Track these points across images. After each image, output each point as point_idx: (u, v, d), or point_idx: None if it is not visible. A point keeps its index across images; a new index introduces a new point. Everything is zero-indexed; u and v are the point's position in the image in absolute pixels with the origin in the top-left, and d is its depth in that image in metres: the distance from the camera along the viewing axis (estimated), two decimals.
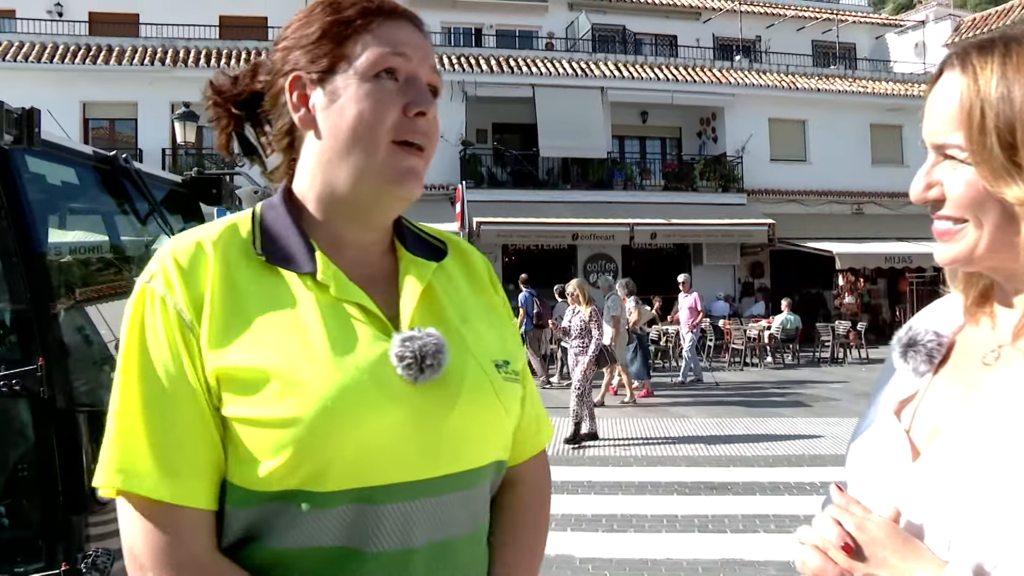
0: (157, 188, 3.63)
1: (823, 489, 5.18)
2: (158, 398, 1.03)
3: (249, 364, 1.03)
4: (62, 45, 21.83)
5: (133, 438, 1.03)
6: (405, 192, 1.16)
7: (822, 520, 1.07)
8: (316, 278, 1.11)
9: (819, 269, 23.62)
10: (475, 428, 1.14)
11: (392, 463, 1.05)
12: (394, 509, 1.05)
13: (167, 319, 1.05)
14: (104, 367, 3.23)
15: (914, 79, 27.81)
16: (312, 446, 1.01)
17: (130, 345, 1.06)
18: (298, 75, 1.15)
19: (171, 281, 1.07)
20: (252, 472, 1.03)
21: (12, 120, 2.51)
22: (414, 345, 1.08)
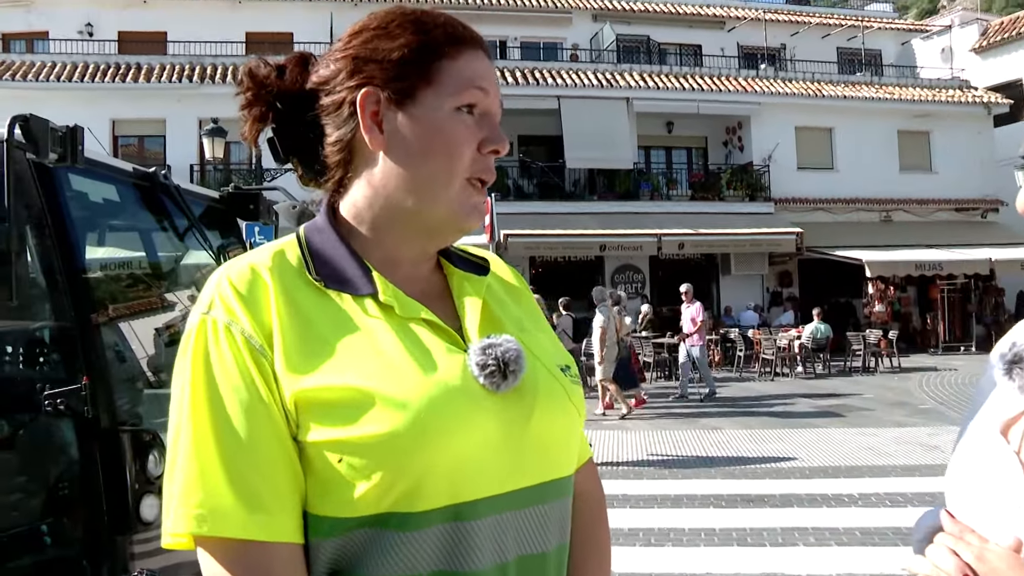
0: (195, 204, 3.63)
1: (861, 501, 5.13)
2: (235, 430, 0.97)
3: (335, 384, 0.99)
4: (92, 64, 22.09)
5: (212, 477, 0.96)
6: (469, 227, 1.14)
7: (936, 551, 1.01)
8: (378, 299, 1.07)
9: (848, 278, 23.41)
10: (555, 434, 1.12)
11: (483, 476, 1.02)
12: (486, 524, 1.01)
13: (235, 347, 1.00)
14: (137, 384, 3.23)
15: (941, 84, 27.58)
16: (406, 463, 0.96)
17: (195, 379, 0.99)
18: (372, 91, 1.10)
19: (232, 308, 1.02)
20: (340, 498, 0.98)
21: (56, 138, 2.51)
22: (496, 351, 1.05)
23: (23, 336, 2.90)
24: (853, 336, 19.77)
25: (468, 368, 1.05)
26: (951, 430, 11.05)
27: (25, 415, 2.79)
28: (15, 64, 21.75)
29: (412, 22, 1.12)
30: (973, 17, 32.89)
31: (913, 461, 9.12)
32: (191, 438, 0.98)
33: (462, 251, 1.27)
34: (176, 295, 3.83)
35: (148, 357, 3.48)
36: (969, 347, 22.97)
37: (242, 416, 0.98)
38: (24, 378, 2.96)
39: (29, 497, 2.79)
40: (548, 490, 1.09)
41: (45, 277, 2.69)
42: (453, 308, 1.16)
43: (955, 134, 26.43)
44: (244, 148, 21.61)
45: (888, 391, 15.55)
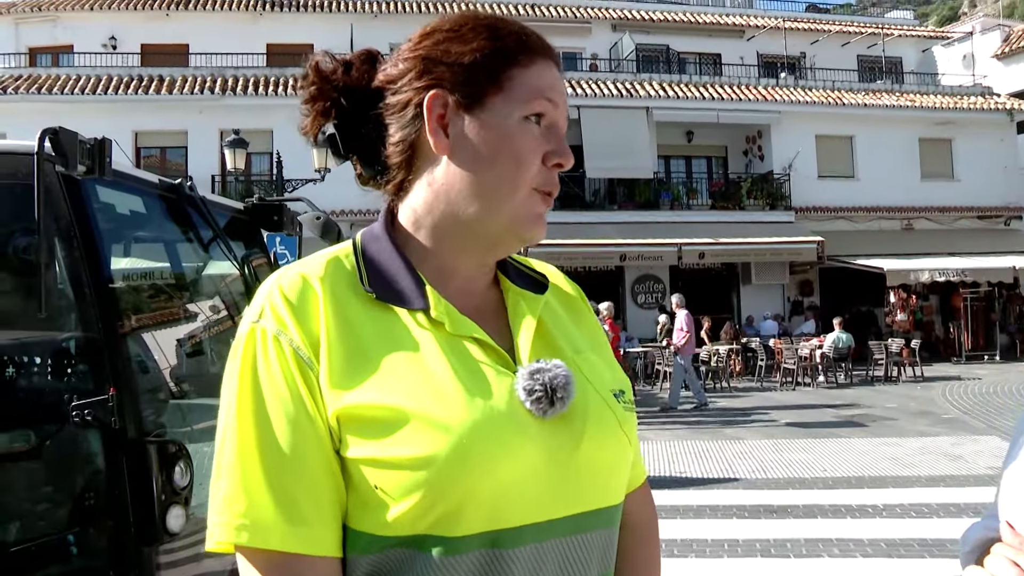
0: (219, 215, 3.65)
1: (886, 512, 5.08)
2: (279, 442, 0.97)
3: (377, 402, 0.97)
4: (116, 77, 22.31)
5: (254, 487, 0.96)
6: (532, 237, 1.11)
7: (996, 562, 0.99)
8: (429, 314, 1.05)
9: (869, 286, 23.26)
10: (603, 462, 1.08)
11: (525, 503, 0.99)
12: (526, 552, 0.99)
13: (283, 358, 0.99)
14: (163, 394, 3.25)
15: (963, 92, 27.41)
16: (446, 487, 0.94)
17: (243, 388, 0.99)
18: (440, 93, 1.08)
19: (282, 318, 1.01)
20: (379, 516, 0.97)
21: (85, 151, 2.53)
22: (544, 377, 1.02)
23: (51, 347, 2.92)
24: (875, 345, 19.64)
25: (515, 392, 1.02)
26: (975, 440, 10.96)
27: (53, 426, 2.81)
28: (41, 78, 22.00)
29: (486, 27, 1.10)
30: (995, 23, 32.67)
31: (937, 472, 9.04)
32: (236, 447, 0.98)
33: (523, 265, 1.25)
34: (201, 306, 3.85)
35: (173, 368, 3.50)
36: (993, 356, 22.76)
37: (287, 428, 0.97)
38: (52, 389, 2.98)
39: (56, 507, 2.81)
40: (592, 519, 1.06)
41: (73, 288, 2.71)
42: (507, 326, 1.13)
43: (977, 141, 26.25)
44: (265, 159, 21.76)
45: (911, 401, 15.42)
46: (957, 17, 77.13)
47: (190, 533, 2.78)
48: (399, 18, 26.46)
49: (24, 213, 2.52)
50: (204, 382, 3.69)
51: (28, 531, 2.72)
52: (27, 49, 25.35)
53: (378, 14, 26.41)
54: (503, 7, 28.17)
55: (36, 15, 25.55)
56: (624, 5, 29.84)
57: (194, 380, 3.61)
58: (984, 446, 10.56)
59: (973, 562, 1.07)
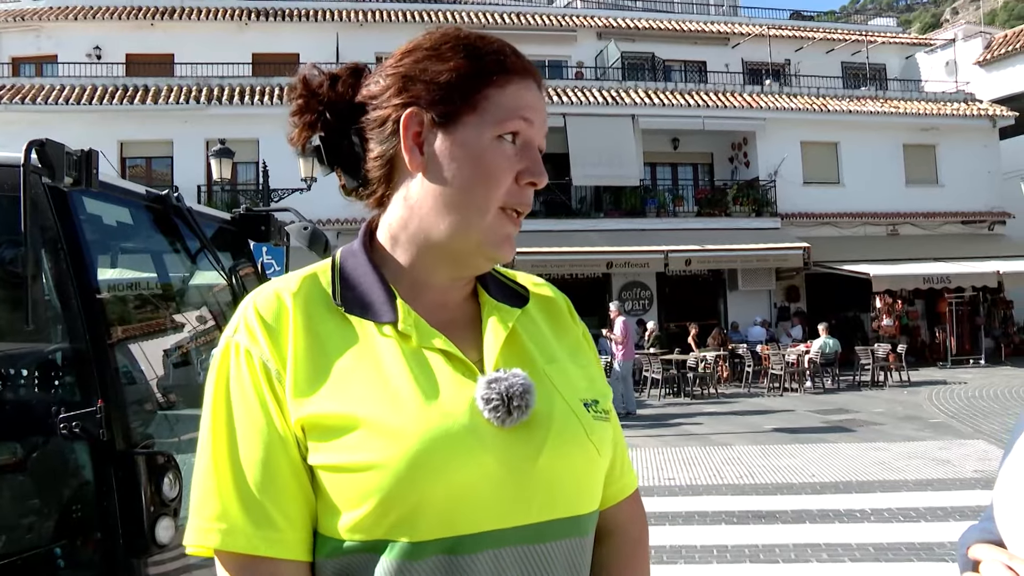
0: (206, 225, 3.64)
1: (873, 516, 5.11)
2: (248, 450, 1.02)
3: (333, 411, 1.01)
4: (100, 87, 22.20)
5: (225, 493, 1.01)
6: (501, 257, 1.14)
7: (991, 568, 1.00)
8: (397, 327, 1.08)
9: (856, 292, 23.35)
10: (567, 471, 1.08)
11: (483, 509, 1.00)
12: (484, 559, 1.00)
13: (253, 371, 1.04)
14: (151, 406, 3.23)
15: (946, 98, 27.58)
16: (399, 492, 0.97)
17: (217, 399, 1.05)
18: (416, 111, 1.10)
19: (254, 333, 1.06)
20: (339, 521, 1.01)
21: (72, 162, 2.52)
22: (500, 387, 1.03)
23: (38, 358, 2.91)
24: (861, 350, 19.72)
25: (475, 401, 1.04)
26: (962, 444, 11.02)
27: (40, 438, 2.80)
28: (25, 87, 21.88)
29: (464, 46, 1.12)
30: (976, 30, 32.95)
31: (925, 476, 9.08)
32: (210, 455, 1.03)
33: (505, 277, 1.26)
34: (188, 316, 3.84)
35: (161, 379, 3.49)
36: (978, 360, 22.88)
37: (255, 437, 1.02)
38: (39, 401, 2.97)
39: (44, 520, 2.79)
40: (556, 528, 1.06)
41: (60, 300, 2.70)
42: (481, 338, 1.15)
43: (961, 147, 26.43)
44: (251, 168, 21.72)
45: (898, 405, 15.49)
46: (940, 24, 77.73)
47: (179, 545, 2.77)
48: (384, 27, 26.47)
49: (10, 225, 2.51)
50: (192, 393, 3.68)
51: (15, 544, 2.70)
52: (10, 59, 25.21)
53: (363, 23, 26.40)
54: (489, 15, 28.25)
55: (19, 24, 25.43)
56: (609, 13, 29.97)
57: (182, 391, 3.59)
58: (970, 450, 10.62)
59: (969, 567, 1.08)
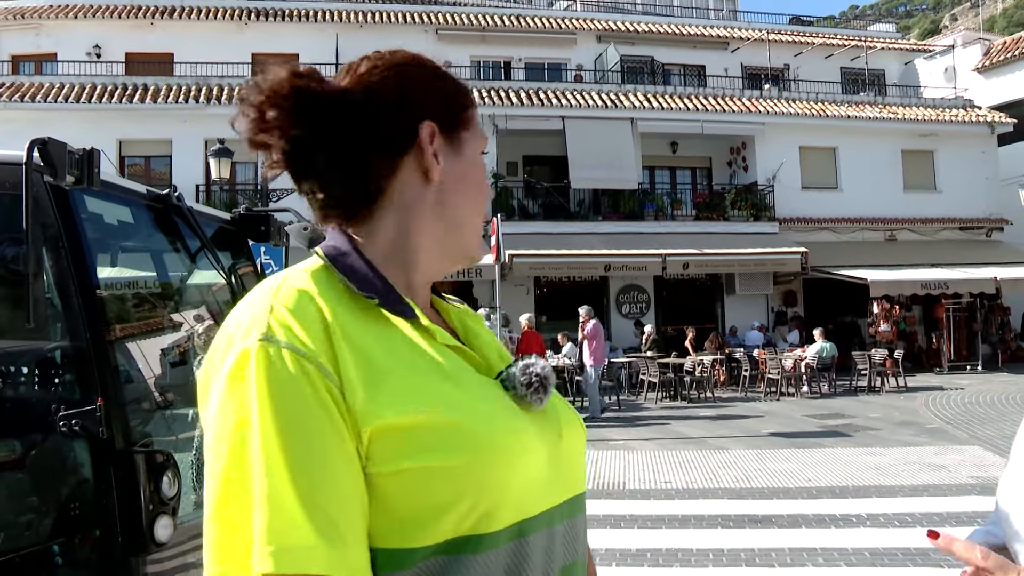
0: (206, 225, 3.65)
1: (869, 521, 5.14)
2: (310, 463, 0.93)
3: (410, 414, 0.98)
4: (100, 85, 22.19)
5: (290, 512, 0.90)
6: (478, 258, 1.25)
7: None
8: (420, 324, 1.08)
9: (853, 297, 23.37)
10: (578, 449, 1.19)
11: (538, 491, 1.07)
12: (541, 537, 1.06)
13: (306, 376, 0.95)
14: (151, 404, 3.24)
15: (945, 104, 27.63)
16: (486, 487, 0.99)
17: (262, 410, 0.93)
18: (432, 124, 1.15)
19: (294, 333, 0.97)
20: (416, 528, 0.97)
21: (74, 161, 2.53)
22: (535, 370, 1.11)
23: (38, 356, 2.91)
24: (858, 355, 19.72)
25: (506, 392, 1.10)
26: (958, 450, 11.03)
27: (39, 435, 2.80)
28: (24, 85, 21.87)
29: (444, 73, 1.22)
30: (976, 37, 33.03)
31: (920, 481, 9.09)
32: (266, 474, 0.92)
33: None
34: (188, 315, 3.85)
35: (160, 377, 3.49)
36: (975, 366, 22.89)
37: (317, 448, 0.94)
38: (39, 398, 2.97)
39: (43, 517, 2.80)
40: (578, 502, 1.16)
41: (60, 298, 2.71)
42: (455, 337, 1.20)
43: (959, 153, 26.47)
44: (250, 168, 21.71)
45: (894, 411, 15.51)
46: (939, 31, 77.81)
47: (178, 543, 2.77)
48: (384, 28, 26.48)
49: (12, 223, 2.51)
50: (192, 392, 3.68)
51: (14, 541, 2.70)
52: (10, 57, 25.20)
53: (363, 24, 26.41)
54: (488, 18, 28.26)
55: (19, 23, 25.43)
56: (609, 17, 29.99)
57: (182, 390, 3.60)
58: (966, 456, 10.64)
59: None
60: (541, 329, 22.06)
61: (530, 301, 22.62)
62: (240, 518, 0.92)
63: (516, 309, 17.87)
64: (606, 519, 7.68)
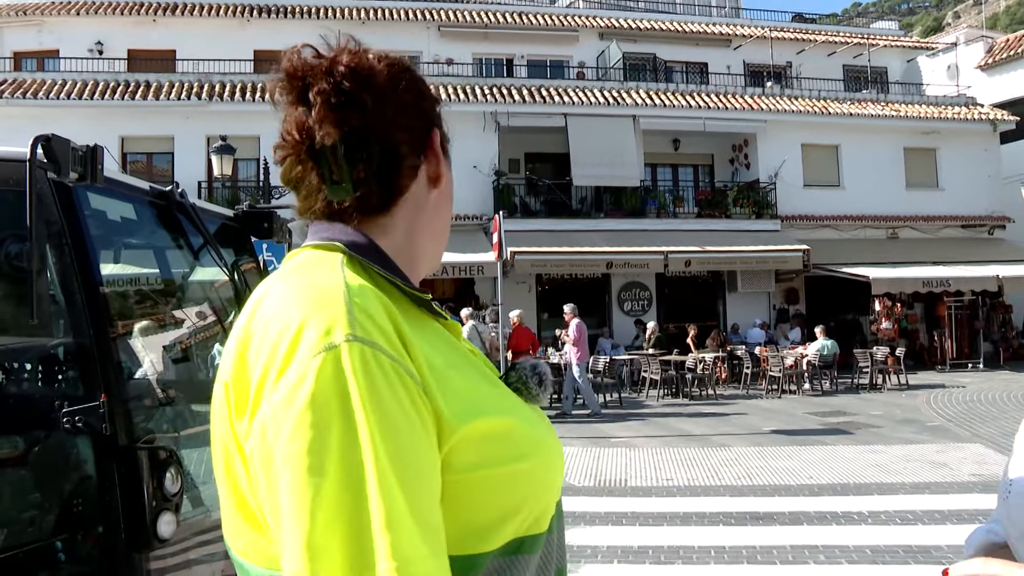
0: (209, 222, 3.65)
1: (871, 518, 5.13)
2: (419, 476, 0.89)
3: (491, 418, 0.99)
4: (102, 82, 22.20)
5: (403, 527, 0.85)
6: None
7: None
8: (448, 323, 1.13)
9: (855, 295, 23.37)
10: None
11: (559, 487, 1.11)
12: (556, 527, 1.10)
13: (403, 380, 0.91)
14: (153, 400, 3.24)
15: (947, 102, 27.60)
16: (549, 486, 1.04)
17: (370, 415, 0.87)
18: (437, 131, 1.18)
19: (388, 335, 0.93)
20: (485, 532, 0.96)
21: (77, 158, 2.53)
22: (541, 369, 1.16)
23: (41, 353, 2.92)
24: (860, 353, 19.72)
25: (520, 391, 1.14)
26: (959, 447, 11.03)
27: (43, 432, 2.81)
28: (26, 82, 21.88)
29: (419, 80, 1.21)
30: (978, 34, 32.97)
31: (922, 479, 9.10)
32: (380, 488, 0.86)
33: None
34: (191, 312, 3.85)
35: (163, 374, 3.50)
36: (977, 364, 22.89)
37: (422, 458, 0.90)
38: (42, 395, 2.98)
39: (46, 513, 2.81)
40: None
41: (64, 295, 2.71)
42: None
43: (961, 151, 26.44)
44: (252, 165, 21.73)
45: (896, 408, 15.50)
46: (941, 28, 77.71)
47: (181, 539, 2.78)
48: (387, 25, 26.48)
49: (16, 219, 2.52)
50: (195, 388, 3.69)
51: (17, 537, 2.71)
52: (12, 53, 25.22)
53: (365, 21, 26.40)
54: (491, 15, 28.24)
55: (21, 19, 25.44)
56: (611, 14, 29.96)
57: (185, 386, 3.60)
58: (968, 453, 10.64)
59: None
60: (543, 327, 22.12)
61: (532, 298, 22.63)
62: (359, 529, 0.85)
63: (518, 307, 17.86)
64: (608, 516, 7.69)
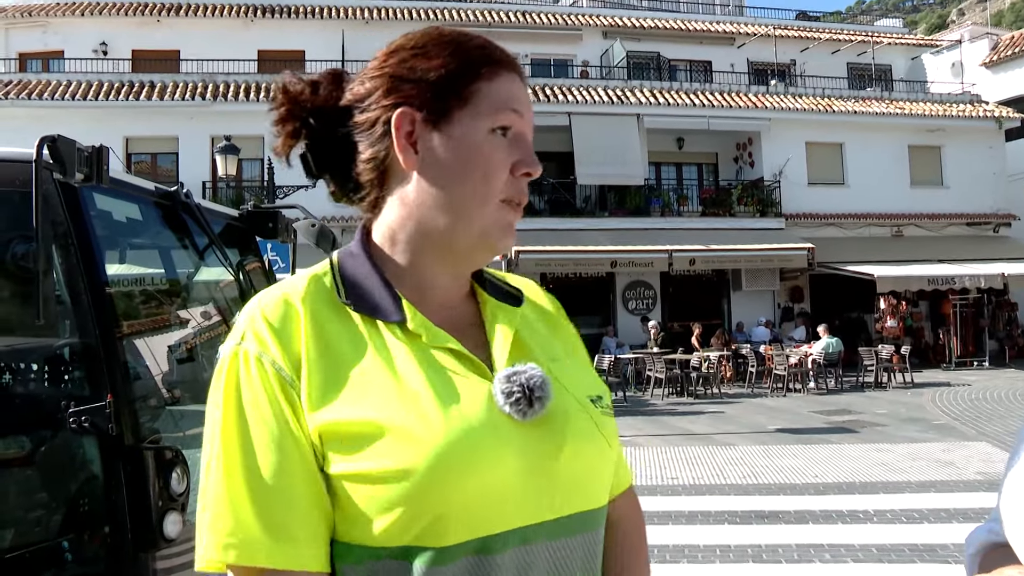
0: (214, 222, 3.66)
1: (876, 517, 5.12)
2: (264, 461, 0.98)
3: (354, 418, 0.99)
4: (106, 83, 22.24)
5: (241, 506, 0.97)
6: (502, 247, 1.14)
7: None
8: (406, 326, 1.07)
9: (860, 293, 23.34)
10: (585, 465, 1.09)
11: (509, 508, 1.00)
12: (511, 557, 1.00)
13: (265, 378, 1.01)
14: (159, 401, 3.25)
15: (952, 99, 27.55)
16: (427, 498, 0.96)
17: (227, 409, 1.01)
18: (408, 111, 1.10)
19: (264, 339, 1.03)
20: (364, 529, 0.98)
21: (83, 158, 2.54)
22: (521, 379, 1.03)
23: (48, 353, 2.93)
24: (865, 351, 19.69)
25: (493, 399, 1.04)
26: (965, 446, 11.01)
27: (49, 432, 2.82)
28: (31, 83, 21.93)
29: (449, 43, 1.12)
30: (983, 32, 32.89)
31: (927, 477, 9.08)
32: (222, 468, 0.99)
33: (497, 279, 1.26)
34: (196, 312, 3.86)
35: (168, 374, 3.51)
36: (982, 362, 22.87)
37: (270, 448, 0.99)
38: (49, 395, 2.99)
39: (53, 513, 2.81)
40: (576, 523, 1.07)
41: (70, 295, 2.72)
42: (484, 337, 1.14)
43: (966, 149, 26.38)
44: (256, 165, 21.74)
45: (901, 407, 15.48)
46: (946, 25, 77.64)
47: (187, 539, 2.79)
48: (390, 24, 26.47)
49: (22, 220, 2.53)
50: (200, 388, 3.69)
51: (24, 537, 2.72)
52: (17, 55, 25.28)
53: (369, 21, 26.42)
54: (494, 13, 28.23)
55: (26, 20, 25.48)
56: (615, 13, 29.96)
57: (190, 386, 3.61)
58: (974, 452, 10.62)
59: (978, 564, 1.08)
60: None
61: None
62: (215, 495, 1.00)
63: None
64: None
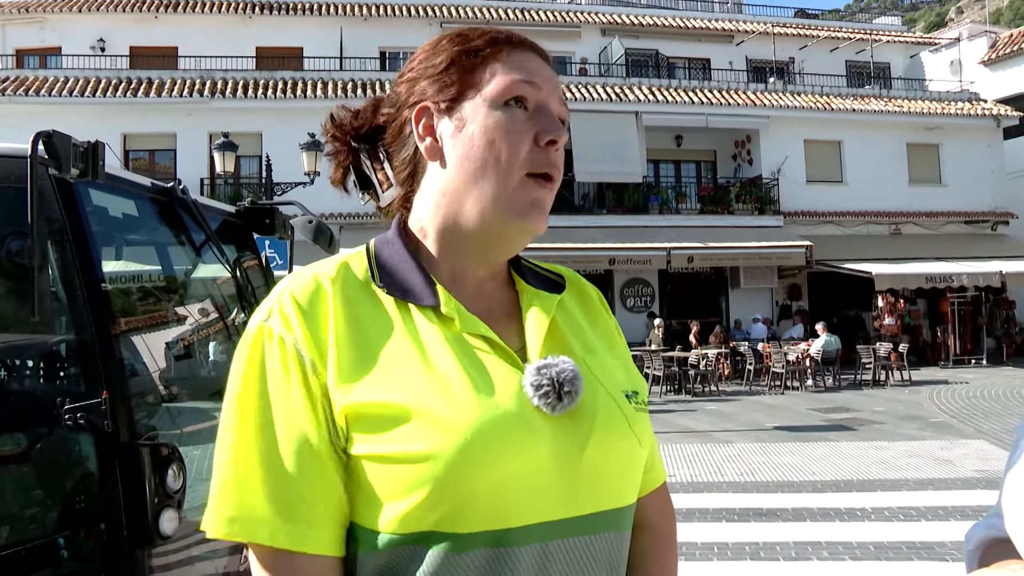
0: (211, 218, 3.65)
1: (874, 515, 5.12)
2: (277, 441, 0.99)
3: (381, 400, 0.99)
4: (104, 79, 22.22)
5: (248, 483, 0.99)
6: (531, 225, 1.13)
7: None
8: (440, 311, 1.07)
9: (858, 290, 23.36)
10: (612, 462, 1.07)
11: (531, 501, 0.99)
12: (531, 552, 0.99)
13: (286, 359, 1.01)
14: (155, 397, 3.24)
15: (950, 97, 27.55)
16: (450, 483, 0.95)
17: (247, 385, 1.02)
18: (425, 105, 1.12)
19: (289, 320, 1.03)
20: (383, 513, 0.98)
21: (79, 154, 2.53)
22: (551, 372, 1.02)
23: (43, 349, 2.91)
24: (863, 349, 19.71)
25: (523, 390, 1.03)
26: (963, 443, 11.02)
27: (45, 428, 2.81)
28: (29, 79, 21.90)
29: (456, 36, 1.15)
30: (982, 30, 32.90)
31: (925, 475, 9.08)
32: (234, 443, 1.00)
33: (538, 267, 1.26)
34: (193, 308, 3.85)
35: (164, 371, 3.50)
36: (980, 360, 22.89)
37: (286, 428, 1.00)
38: (44, 392, 2.98)
39: (48, 510, 2.80)
40: (600, 521, 1.05)
41: (65, 291, 2.71)
42: (520, 327, 1.14)
43: (965, 147, 26.40)
44: (254, 162, 21.74)
45: (899, 404, 15.49)
46: (944, 23, 77.67)
47: (183, 536, 2.78)
48: (388, 21, 26.46)
49: (17, 216, 2.52)
50: (197, 385, 3.69)
51: (19, 534, 2.71)
52: (14, 51, 25.26)
53: (368, 18, 26.39)
54: (493, 11, 28.21)
55: (23, 16, 25.45)
56: (613, 10, 29.93)
57: (186, 383, 3.60)
58: (971, 449, 10.62)
59: (978, 560, 1.08)
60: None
61: None
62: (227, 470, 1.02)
63: None
64: None
